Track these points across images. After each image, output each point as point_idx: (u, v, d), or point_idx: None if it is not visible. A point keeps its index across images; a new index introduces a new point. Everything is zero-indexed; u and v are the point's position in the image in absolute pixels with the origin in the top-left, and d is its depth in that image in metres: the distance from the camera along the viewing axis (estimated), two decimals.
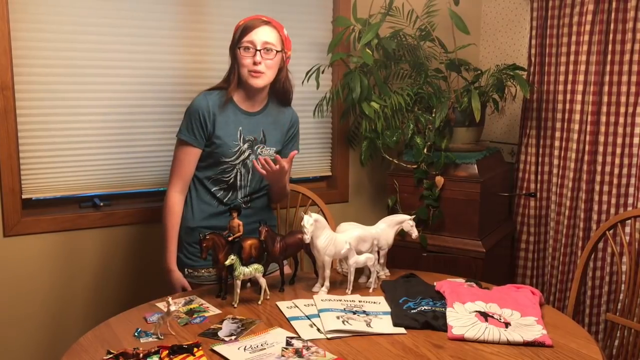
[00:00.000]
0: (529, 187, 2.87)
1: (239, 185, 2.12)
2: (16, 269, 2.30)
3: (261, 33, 2.02)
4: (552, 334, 1.62)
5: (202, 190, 2.12)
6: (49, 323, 2.39)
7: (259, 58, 2.01)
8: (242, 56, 2.03)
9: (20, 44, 2.21)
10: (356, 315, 1.72)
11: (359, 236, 1.96)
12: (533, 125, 2.83)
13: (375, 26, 2.55)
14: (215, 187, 2.11)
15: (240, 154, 2.09)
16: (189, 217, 2.12)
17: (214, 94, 2.09)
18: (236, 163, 2.09)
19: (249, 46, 2.02)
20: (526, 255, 2.92)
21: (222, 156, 2.07)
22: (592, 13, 2.53)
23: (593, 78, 2.55)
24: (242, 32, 2.03)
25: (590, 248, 2.15)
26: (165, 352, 1.47)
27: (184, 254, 2.13)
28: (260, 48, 2.01)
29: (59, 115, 2.31)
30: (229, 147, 2.06)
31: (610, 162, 2.55)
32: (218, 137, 2.05)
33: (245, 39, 2.02)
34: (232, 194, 2.12)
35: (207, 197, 2.12)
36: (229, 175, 2.10)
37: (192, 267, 2.12)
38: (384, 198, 2.87)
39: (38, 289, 2.35)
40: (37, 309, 2.36)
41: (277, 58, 2.06)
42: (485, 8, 3.17)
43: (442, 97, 2.61)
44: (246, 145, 2.09)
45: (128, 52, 2.39)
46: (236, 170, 2.10)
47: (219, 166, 2.08)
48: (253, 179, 2.13)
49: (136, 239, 2.50)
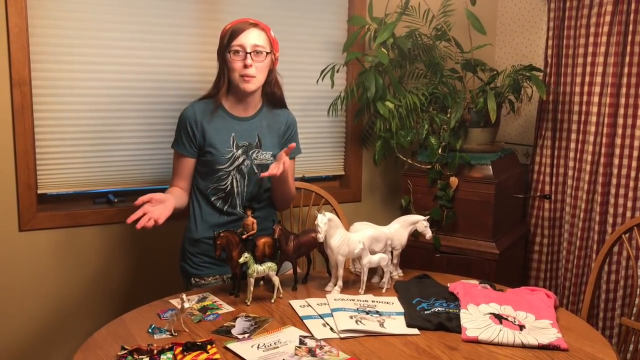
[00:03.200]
0: (544, 189, 2.85)
1: (236, 192, 2.11)
2: (30, 264, 2.32)
3: (250, 36, 2.00)
4: (567, 337, 1.60)
5: (203, 201, 2.12)
6: (62, 317, 2.41)
7: (250, 61, 1.99)
8: (232, 60, 2.00)
9: (38, 40, 2.23)
10: (369, 315, 1.71)
11: (372, 236, 1.96)
12: (548, 127, 2.81)
13: (391, 25, 2.54)
14: (214, 197, 2.11)
15: (234, 161, 2.07)
16: (192, 228, 2.12)
17: (201, 102, 2.09)
18: (230, 170, 2.07)
19: (238, 49, 1.99)
20: (540, 258, 2.90)
21: (216, 164, 2.06)
22: (611, 14, 2.50)
23: (610, 79, 2.53)
24: (231, 35, 2.01)
25: (606, 251, 2.13)
26: (179, 348, 1.48)
27: (189, 264, 2.13)
28: (250, 51, 1.99)
29: (74, 111, 2.33)
30: (221, 154, 2.05)
31: (627, 165, 2.53)
32: (211, 145, 2.05)
33: (235, 43, 1.99)
34: (230, 201, 2.11)
35: (209, 208, 2.12)
36: (224, 182, 2.09)
37: (199, 276, 2.12)
38: (396, 198, 2.86)
39: (52, 284, 2.37)
40: (50, 304, 2.38)
41: (267, 60, 2.04)
42: (502, 8, 3.15)
43: (457, 98, 2.60)
44: (240, 151, 2.08)
45: (144, 49, 2.40)
46: (231, 177, 2.08)
47: (214, 175, 2.08)
48: (249, 184, 2.12)
49: (149, 235, 2.50)
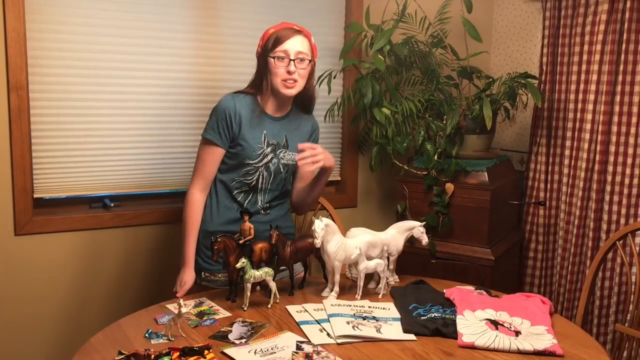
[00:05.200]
0: (539, 195, 2.87)
1: (260, 188, 2.12)
2: (26, 268, 2.31)
3: (294, 43, 2.01)
4: (562, 343, 1.61)
5: (223, 193, 2.11)
6: (59, 322, 2.39)
7: (293, 68, 2.00)
8: (275, 65, 2.01)
9: (36, 44, 2.23)
10: (366, 321, 1.72)
11: (369, 242, 1.97)
12: (543, 134, 2.83)
13: (387, 32, 2.55)
14: (237, 190, 2.11)
15: (264, 157, 2.08)
16: (207, 220, 2.11)
17: (241, 96, 2.09)
18: (259, 166, 2.09)
19: (282, 56, 2.00)
20: (534, 264, 2.92)
21: (246, 158, 2.06)
22: (605, 23, 2.53)
23: (605, 88, 2.55)
24: (275, 41, 2.01)
25: (600, 258, 2.14)
26: (176, 353, 1.48)
27: (202, 257, 2.12)
28: (294, 58, 2.00)
29: (71, 116, 2.33)
30: (253, 149, 2.06)
31: (621, 172, 2.55)
32: (244, 139, 2.05)
33: (279, 49, 2.00)
34: (252, 196, 2.12)
35: (228, 201, 2.11)
36: (251, 177, 2.09)
37: (210, 272, 2.11)
38: (392, 204, 2.87)
39: (47, 288, 2.36)
40: (47, 308, 2.37)
41: (309, 67, 2.06)
42: (497, 16, 3.18)
43: (453, 104, 2.61)
44: (269, 149, 2.09)
45: (142, 54, 2.40)
46: (259, 172, 2.09)
47: (242, 168, 2.08)
48: (274, 181, 2.13)
49: (145, 239, 2.51)
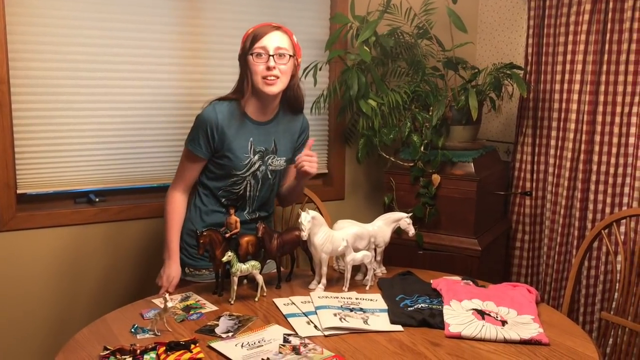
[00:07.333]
0: (525, 185, 2.88)
1: (248, 196, 2.09)
2: (11, 265, 2.29)
3: (273, 38, 1.96)
4: (548, 332, 1.62)
5: (210, 199, 2.09)
6: (45, 319, 2.38)
7: (273, 63, 1.94)
8: (254, 63, 1.96)
9: (16, 37, 2.20)
10: (353, 313, 1.72)
11: (356, 234, 1.97)
12: (529, 124, 2.84)
13: (373, 23, 2.54)
14: (225, 199, 2.08)
15: (251, 166, 2.04)
16: (197, 222, 2.08)
17: (223, 105, 2.02)
18: (246, 175, 2.05)
19: (261, 52, 1.95)
20: (521, 254, 2.93)
21: (233, 169, 2.03)
22: (589, 13, 2.53)
23: (589, 78, 2.56)
24: (253, 39, 1.96)
25: (586, 247, 2.16)
26: (162, 348, 1.47)
27: (185, 255, 2.10)
28: (273, 53, 1.95)
29: (54, 110, 2.30)
30: (240, 160, 2.02)
31: (606, 162, 2.56)
32: (230, 150, 2.00)
33: (257, 45, 1.95)
34: (240, 204, 2.09)
35: (217, 206, 2.09)
36: (238, 187, 2.06)
37: (194, 267, 2.10)
38: (380, 196, 2.87)
39: (32, 285, 2.34)
40: (32, 305, 2.35)
41: (290, 63, 1.99)
42: (483, 7, 3.18)
43: (439, 95, 2.61)
44: (257, 156, 2.05)
45: (125, 47, 2.38)
46: (246, 182, 2.06)
47: (229, 178, 2.05)
48: (262, 188, 2.10)
49: (131, 234, 2.49)
